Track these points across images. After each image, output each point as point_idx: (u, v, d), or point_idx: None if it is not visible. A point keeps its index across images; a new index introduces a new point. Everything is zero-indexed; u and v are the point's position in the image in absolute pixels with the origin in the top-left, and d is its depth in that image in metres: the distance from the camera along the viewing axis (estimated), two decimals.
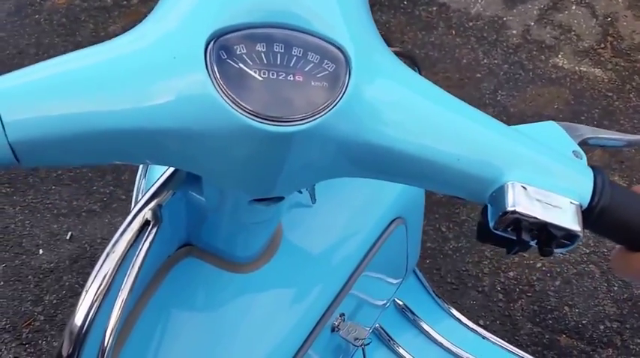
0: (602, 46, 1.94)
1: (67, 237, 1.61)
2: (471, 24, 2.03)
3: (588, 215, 0.45)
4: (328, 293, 0.66)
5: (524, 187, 0.44)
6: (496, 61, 1.90)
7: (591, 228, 0.47)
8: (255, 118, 0.37)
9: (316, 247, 0.66)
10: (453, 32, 2.00)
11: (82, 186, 1.70)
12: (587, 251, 1.51)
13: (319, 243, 0.66)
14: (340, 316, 0.68)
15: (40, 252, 1.59)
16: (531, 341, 1.36)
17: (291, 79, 0.38)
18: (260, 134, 0.38)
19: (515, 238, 0.45)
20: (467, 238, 1.54)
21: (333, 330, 0.68)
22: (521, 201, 0.43)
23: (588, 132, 0.55)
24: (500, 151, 0.44)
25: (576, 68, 1.88)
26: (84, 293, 0.49)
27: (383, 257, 0.72)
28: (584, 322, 1.41)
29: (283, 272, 0.64)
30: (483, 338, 1.09)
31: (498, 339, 1.10)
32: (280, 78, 0.38)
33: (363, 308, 0.79)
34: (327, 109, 0.39)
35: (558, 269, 1.49)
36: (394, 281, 0.86)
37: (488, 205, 0.46)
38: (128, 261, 0.51)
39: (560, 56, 1.91)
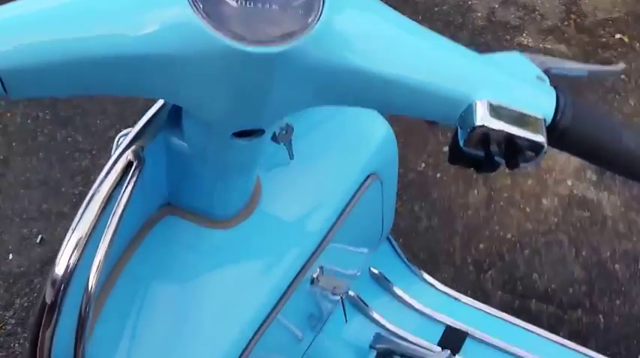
0: (566, 23, 2.13)
1: (37, 241, 1.73)
2: (436, 9, 2.20)
3: (553, 131, 0.53)
4: (307, 247, 0.74)
5: (491, 104, 0.51)
6: (463, 43, 2.07)
7: (557, 144, 0.55)
8: (235, 41, 0.44)
9: (294, 202, 0.75)
10: (420, 17, 2.17)
11: (50, 188, 1.83)
12: (556, 220, 1.68)
13: (297, 199, 0.75)
14: (319, 269, 0.77)
15: (10, 257, 1.71)
16: (502, 308, 1.52)
17: (268, 6, 0.45)
18: (239, 56, 0.44)
19: (485, 155, 0.52)
20: (438, 216, 1.71)
21: (312, 282, 0.77)
22: (488, 115, 0.50)
23: (551, 62, 0.62)
24: (468, 73, 0.52)
25: (541, 45, 2.06)
26: (67, 237, 0.53)
27: (360, 213, 0.81)
28: (553, 287, 1.57)
29: (263, 227, 0.72)
30: (456, 299, 1.24)
31: (470, 299, 1.25)
32: (258, 6, 0.45)
33: (342, 262, 0.88)
34: (303, 33, 0.45)
35: (527, 240, 1.65)
36: (371, 242, 0.99)
37: (459, 127, 0.54)
38: (111, 206, 0.56)
39: (524, 35, 2.09)
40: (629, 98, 1.93)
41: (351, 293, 1.12)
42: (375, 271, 1.15)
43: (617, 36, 2.08)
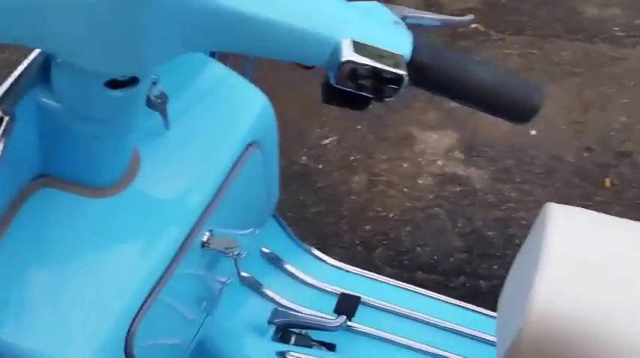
0: None
1: None
2: None
3: (412, 68, 0.58)
4: (191, 214, 0.75)
5: (355, 42, 0.57)
6: None
7: (417, 82, 0.61)
8: None
9: (175, 172, 0.77)
10: None
11: None
12: (432, 196, 1.81)
13: (178, 168, 0.77)
14: (209, 232, 0.79)
15: None
16: None
17: None
18: None
19: (354, 91, 0.58)
20: (324, 203, 1.78)
21: (203, 246, 0.79)
22: (354, 52, 0.56)
23: (407, 11, 0.68)
24: (333, 14, 0.58)
25: None
26: None
27: (244, 180, 0.84)
28: (435, 258, 1.69)
29: (144, 196, 0.73)
30: (347, 271, 1.30)
31: (359, 269, 1.31)
32: None
33: (232, 226, 0.89)
34: None
35: (408, 217, 1.76)
36: (259, 212, 1.02)
37: (329, 69, 0.59)
38: None
39: None
40: None
41: (244, 274, 1.16)
42: (267, 250, 1.19)
43: (473, 25, 2.26)
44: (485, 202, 1.79)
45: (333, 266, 1.27)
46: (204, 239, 0.77)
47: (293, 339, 1.13)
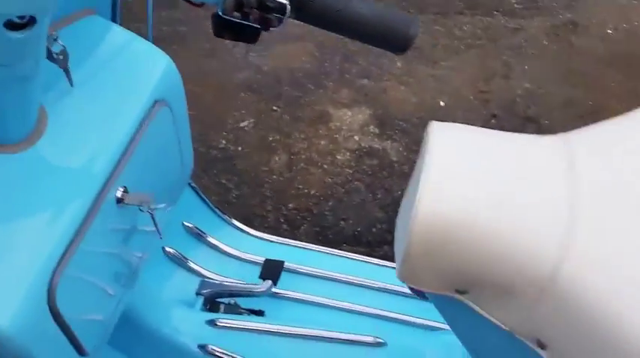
0: None
1: None
2: None
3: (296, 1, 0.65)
4: (101, 171, 0.75)
5: None
6: None
7: (300, 15, 0.67)
8: None
9: (83, 128, 0.77)
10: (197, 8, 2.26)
11: None
12: (351, 171, 1.86)
13: (85, 125, 0.77)
14: (122, 188, 0.79)
15: None
16: None
17: None
18: None
19: (242, 21, 0.64)
20: (247, 185, 1.80)
21: (118, 202, 0.79)
22: None
23: None
24: None
25: None
26: None
27: (154, 137, 0.85)
28: (359, 230, 1.74)
29: (53, 152, 0.73)
30: (269, 241, 1.33)
31: (281, 238, 1.35)
32: None
33: (146, 182, 0.88)
34: None
35: (330, 192, 1.80)
36: (174, 175, 1.02)
37: (216, 2, 0.64)
38: None
39: None
40: None
41: (168, 249, 1.17)
42: (189, 225, 1.20)
43: None
44: (401, 173, 1.86)
45: (255, 236, 1.29)
46: (118, 195, 0.77)
47: (222, 308, 1.15)
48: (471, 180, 0.63)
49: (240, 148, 1.87)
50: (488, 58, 2.19)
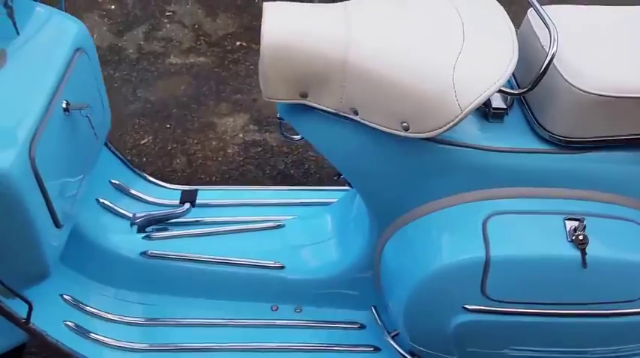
0: (199, 43, 2.77)
1: None
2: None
3: None
4: (50, 86, 1.09)
5: None
6: (125, 72, 2.56)
7: None
8: None
9: (32, 62, 1.11)
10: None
11: None
12: (241, 159, 2.22)
13: (32, 60, 1.11)
14: (65, 101, 1.12)
15: None
16: None
17: None
18: None
19: None
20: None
21: (65, 110, 1.12)
22: None
23: None
24: None
25: (187, 61, 2.66)
26: None
27: (79, 74, 1.19)
28: None
29: (13, 75, 1.08)
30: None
31: (192, 186, 1.65)
32: None
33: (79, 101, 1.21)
34: None
35: (227, 176, 2.15)
36: (98, 115, 1.31)
37: None
38: None
39: (172, 57, 2.67)
40: None
41: (102, 200, 1.45)
42: (116, 182, 1.51)
43: (238, 43, 2.78)
44: (282, 152, 2.25)
45: (168, 188, 1.61)
46: (64, 106, 1.12)
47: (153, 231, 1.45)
48: (297, 17, 1.05)
49: (144, 159, 2.19)
50: None
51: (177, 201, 1.56)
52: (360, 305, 1.36)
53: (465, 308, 1.08)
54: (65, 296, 1.30)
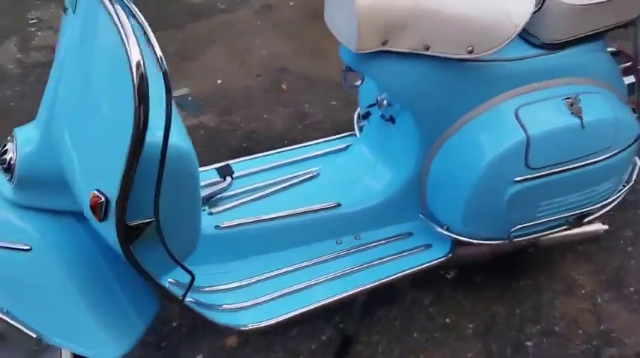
0: None
1: None
2: None
3: None
4: None
5: None
6: (18, 89, 2.48)
7: None
8: None
9: None
10: None
11: None
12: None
13: None
14: None
15: None
16: None
17: None
18: None
19: None
20: None
21: None
22: None
23: None
24: None
25: None
26: None
27: None
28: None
29: None
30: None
31: (206, 167, 1.68)
32: None
33: None
34: None
35: None
36: None
37: None
38: None
39: None
40: None
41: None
42: None
43: None
44: (221, 130, 2.38)
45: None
46: None
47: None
48: None
49: None
50: (234, 44, 2.84)
51: (213, 180, 1.61)
52: (405, 218, 1.60)
53: (515, 181, 1.42)
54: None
